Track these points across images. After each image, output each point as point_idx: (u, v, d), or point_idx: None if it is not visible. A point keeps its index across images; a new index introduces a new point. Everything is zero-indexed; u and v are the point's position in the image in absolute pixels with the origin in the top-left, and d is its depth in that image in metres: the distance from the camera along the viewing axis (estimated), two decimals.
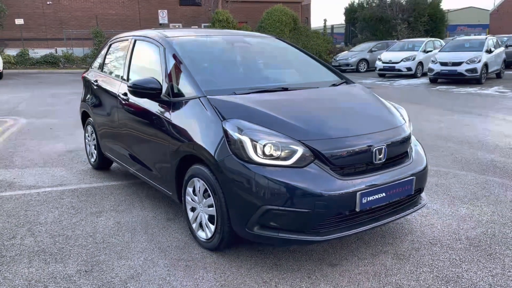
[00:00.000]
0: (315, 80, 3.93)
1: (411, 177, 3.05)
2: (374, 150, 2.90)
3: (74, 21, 24.20)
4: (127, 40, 4.48)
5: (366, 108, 3.46)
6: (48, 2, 23.98)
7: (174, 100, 3.40)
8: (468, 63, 15.21)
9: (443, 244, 3.28)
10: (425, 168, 3.25)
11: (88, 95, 5.18)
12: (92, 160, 5.33)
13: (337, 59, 22.95)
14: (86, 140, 5.47)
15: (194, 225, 3.28)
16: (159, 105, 3.54)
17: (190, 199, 3.28)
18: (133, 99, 3.90)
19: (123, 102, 4.11)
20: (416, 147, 3.42)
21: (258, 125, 2.86)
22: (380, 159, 2.94)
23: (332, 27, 32.86)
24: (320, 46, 26.10)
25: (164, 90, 3.50)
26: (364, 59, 22.44)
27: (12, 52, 21.07)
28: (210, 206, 3.04)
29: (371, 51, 22.64)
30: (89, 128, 5.26)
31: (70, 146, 6.56)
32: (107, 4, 25.05)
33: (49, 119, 9.06)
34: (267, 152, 2.74)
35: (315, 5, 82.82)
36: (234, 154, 2.80)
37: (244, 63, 3.89)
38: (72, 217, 3.85)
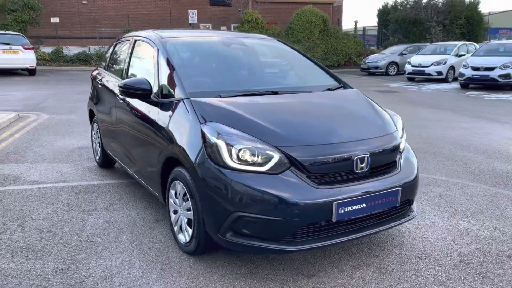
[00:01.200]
0: (310, 84, 3.83)
1: (397, 188, 2.92)
2: (355, 158, 2.79)
3: (107, 20, 24.81)
4: (129, 40, 4.52)
5: (355, 115, 3.34)
6: (83, 2, 24.70)
7: (162, 101, 3.39)
8: (501, 68, 14.59)
9: (431, 259, 3.12)
10: (414, 180, 3.10)
11: (94, 93, 5.26)
12: (97, 157, 5.41)
13: (366, 61, 22.54)
14: (92, 138, 5.56)
15: (175, 228, 3.26)
16: (149, 106, 3.54)
17: (172, 202, 3.26)
18: (128, 99, 3.92)
19: (120, 101, 4.14)
20: (408, 156, 3.27)
21: (235, 130, 2.80)
22: (362, 168, 2.83)
23: (364, 29, 32.31)
24: (350, 48, 25.73)
25: (154, 91, 3.49)
26: (394, 62, 21.94)
27: (47, 49, 21.78)
28: (189, 209, 3.00)
29: (401, 54, 22.11)
30: (95, 126, 5.34)
31: (82, 143, 6.69)
32: (139, 4, 25.54)
33: (70, 115, 9.29)
34: (242, 157, 2.68)
35: (348, 7, 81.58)
36: (210, 158, 2.75)
37: (237, 65, 3.83)
38: (64, 214, 3.91)
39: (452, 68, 18.09)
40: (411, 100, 12.35)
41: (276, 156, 2.68)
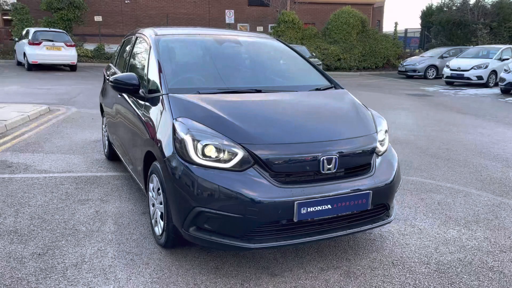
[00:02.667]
0: (299, 84, 3.81)
1: (367, 191, 2.85)
2: (321, 159, 2.75)
3: (148, 19, 25.50)
4: (132, 37, 4.65)
5: (333, 115, 3.29)
6: (126, 1, 25.53)
7: (148, 97, 3.47)
8: None
9: (405, 266, 3.03)
10: (390, 184, 3.01)
11: (102, 88, 5.45)
12: (105, 150, 5.60)
13: (404, 64, 21.95)
14: (102, 131, 5.76)
15: (153, 221, 3.33)
16: (138, 100, 3.64)
17: (151, 195, 3.34)
18: (124, 93, 4.04)
19: (119, 96, 4.27)
20: (388, 159, 3.18)
21: (204, 126, 2.83)
22: (329, 169, 2.78)
23: (406, 31, 31.41)
24: (388, 50, 25.14)
25: (142, 87, 3.59)
26: (433, 66, 21.23)
27: (90, 46, 22.66)
28: (161, 203, 3.06)
29: (442, 57, 21.35)
30: (104, 119, 5.53)
31: (99, 136, 6.93)
32: (179, 4, 26.10)
33: (97, 110, 9.63)
34: (207, 153, 2.71)
35: (390, 8, 78.94)
36: (178, 153, 2.80)
37: (225, 63, 3.85)
38: (59, 202, 4.08)
39: (494, 72, 17.31)
40: (442, 105, 11.93)
41: (240, 154, 2.69)
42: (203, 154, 2.70)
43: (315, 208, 2.69)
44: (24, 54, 17.16)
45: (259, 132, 2.81)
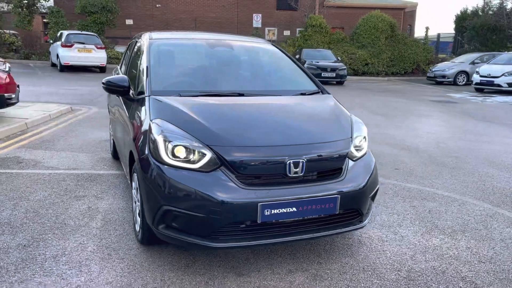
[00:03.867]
0: (285, 88, 3.86)
1: (335, 196, 2.87)
2: (288, 162, 2.80)
3: (178, 23, 26.04)
4: (134, 40, 4.82)
5: (309, 120, 3.32)
6: (157, 5, 26.14)
7: (136, 98, 3.61)
8: None
9: (375, 272, 3.02)
10: (361, 189, 3.01)
11: None
12: (111, 149, 5.81)
13: (433, 70, 21.47)
14: (110, 131, 5.97)
15: (134, 218, 3.46)
16: (128, 102, 3.79)
17: (134, 193, 3.46)
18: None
19: (117, 96, 4.44)
20: (363, 165, 3.18)
21: (177, 127, 2.93)
22: (296, 172, 2.82)
23: (439, 35, 30.65)
24: (418, 56, 24.64)
25: (132, 88, 3.73)
26: (464, 72, 20.66)
27: (121, 49, 23.33)
28: (139, 201, 3.18)
29: (473, 63, 20.73)
30: (110, 119, 5.74)
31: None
32: (208, 8, 26.50)
33: None
34: (176, 154, 2.80)
35: (423, 13, 76.89)
36: (150, 153, 2.91)
37: (213, 67, 3.95)
38: (57, 198, 4.27)
39: None
40: (465, 112, 11.62)
41: (208, 155, 2.77)
42: (173, 155, 2.80)
43: (279, 210, 2.74)
44: (57, 55, 17.90)
45: (229, 134, 2.89)
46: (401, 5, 30.42)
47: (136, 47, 4.53)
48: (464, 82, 20.61)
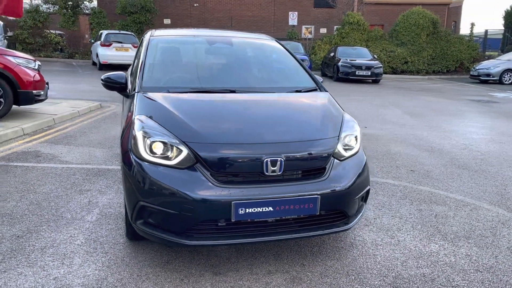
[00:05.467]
0: (279, 85, 3.78)
1: (315, 196, 2.77)
2: (265, 160, 2.72)
3: (215, 22, 26.28)
4: (142, 38, 4.88)
5: (295, 117, 3.22)
6: (195, 4, 26.51)
7: (130, 94, 3.65)
8: None
9: (359, 277, 2.89)
10: (345, 190, 2.87)
11: None
12: None
13: (477, 68, 20.46)
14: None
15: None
16: (125, 98, 3.84)
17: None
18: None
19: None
20: (350, 165, 3.04)
21: (157, 124, 2.92)
22: (274, 171, 2.74)
23: (486, 32, 29.19)
24: (462, 53, 23.60)
25: (130, 85, 3.78)
26: (511, 70, 19.56)
27: None
28: None
29: None
30: None
31: None
32: (245, 6, 26.57)
33: None
34: (154, 150, 2.80)
35: (469, 8, 72.49)
36: (131, 149, 2.92)
37: (209, 63, 3.92)
38: (62, 191, 4.39)
39: None
40: (506, 113, 10.98)
41: (184, 152, 2.75)
42: (151, 151, 2.80)
43: (254, 210, 2.67)
44: (97, 54, 18.53)
45: (206, 131, 2.85)
46: (445, 0, 29.23)
47: (141, 45, 4.58)
48: (511, 81, 19.55)
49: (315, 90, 3.75)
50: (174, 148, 2.77)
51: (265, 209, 2.69)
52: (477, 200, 4.47)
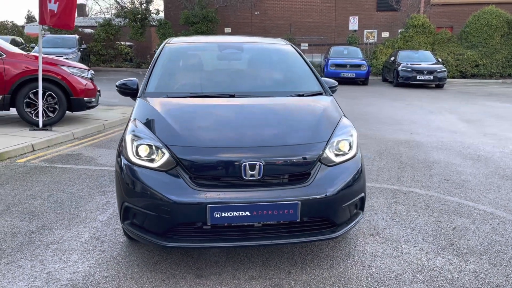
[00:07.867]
0: (280, 89, 3.74)
1: (295, 202, 2.69)
2: (243, 164, 2.70)
3: (275, 29, 26.42)
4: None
5: (281, 122, 3.15)
6: (256, 13, 26.86)
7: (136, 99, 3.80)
8: None
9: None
10: (329, 197, 2.76)
11: None
12: None
13: None
14: None
15: None
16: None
17: None
18: None
19: None
20: (339, 171, 2.91)
21: (145, 127, 3.02)
22: (252, 175, 2.71)
23: None
24: None
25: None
26: None
27: None
28: None
29: None
30: None
31: None
32: (305, 13, 26.44)
33: None
34: (140, 153, 2.89)
35: None
36: (121, 151, 3.04)
37: (214, 69, 3.97)
38: (87, 191, 4.65)
39: None
40: None
41: (166, 155, 2.80)
42: (137, 154, 2.89)
43: (230, 214, 2.66)
44: None
45: (188, 134, 2.90)
46: None
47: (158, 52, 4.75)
48: None
49: (319, 94, 3.66)
50: (159, 151, 2.83)
51: (242, 213, 2.67)
52: (509, 213, 4.08)
